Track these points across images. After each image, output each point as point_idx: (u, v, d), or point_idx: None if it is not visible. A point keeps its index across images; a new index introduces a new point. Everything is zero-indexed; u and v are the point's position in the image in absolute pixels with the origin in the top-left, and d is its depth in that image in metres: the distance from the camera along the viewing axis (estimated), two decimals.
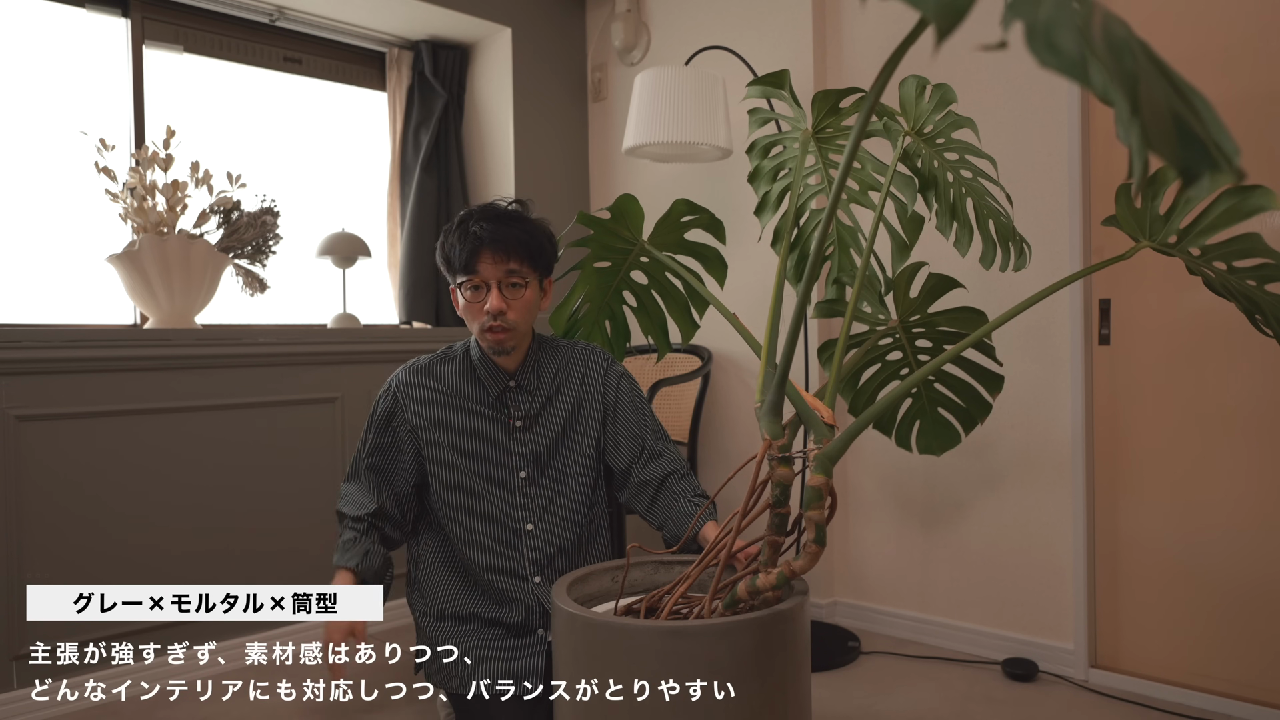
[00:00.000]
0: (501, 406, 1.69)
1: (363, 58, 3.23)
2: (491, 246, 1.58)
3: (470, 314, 1.63)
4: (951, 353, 1.31)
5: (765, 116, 1.83)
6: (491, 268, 1.59)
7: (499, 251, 1.58)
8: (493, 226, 1.58)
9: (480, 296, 1.60)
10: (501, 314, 1.59)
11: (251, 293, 2.69)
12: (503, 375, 1.69)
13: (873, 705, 2.17)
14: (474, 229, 1.58)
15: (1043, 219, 2.33)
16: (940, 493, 2.56)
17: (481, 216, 1.61)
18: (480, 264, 1.58)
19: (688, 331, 1.83)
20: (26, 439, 2.18)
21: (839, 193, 1.10)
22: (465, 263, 1.59)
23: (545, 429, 1.71)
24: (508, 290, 1.60)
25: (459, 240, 1.59)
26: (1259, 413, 2.04)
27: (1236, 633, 2.09)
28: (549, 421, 1.71)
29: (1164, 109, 0.47)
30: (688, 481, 1.70)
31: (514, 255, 1.59)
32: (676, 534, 1.64)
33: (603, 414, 1.75)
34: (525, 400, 1.70)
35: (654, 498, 1.70)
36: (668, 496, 1.68)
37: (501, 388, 1.69)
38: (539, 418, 1.70)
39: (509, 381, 1.70)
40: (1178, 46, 2.12)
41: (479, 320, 1.62)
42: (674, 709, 1.15)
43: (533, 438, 1.69)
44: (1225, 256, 1.25)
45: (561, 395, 1.73)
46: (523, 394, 1.70)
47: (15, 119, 2.51)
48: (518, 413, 1.69)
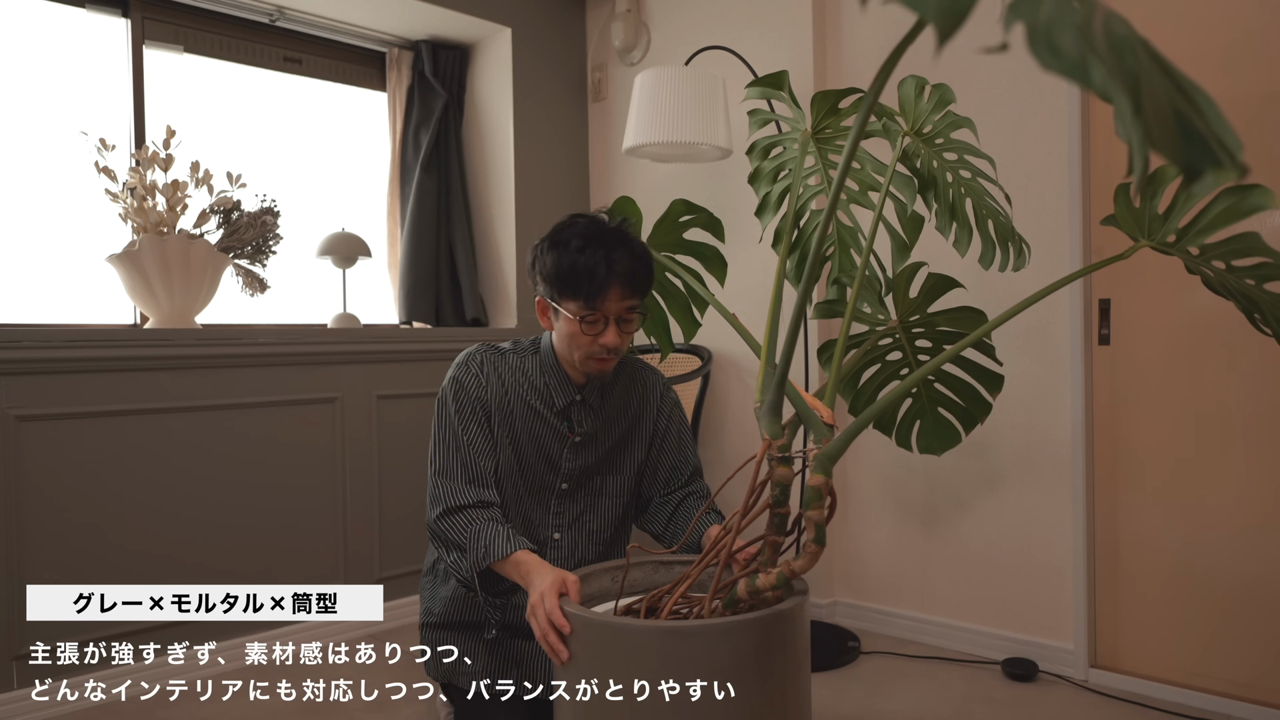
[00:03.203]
0: (564, 418, 1.65)
1: (363, 58, 3.23)
2: (623, 284, 1.48)
3: (577, 341, 1.53)
4: (951, 352, 1.31)
5: (765, 117, 1.83)
6: (617, 304, 1.49)
7: (627, 288, 1.49)
8: (628, 263, 1.48)
9: (596, 330, 1.51)
10: (616, 348, 1.53)
11: (251, 293, 2.69)
12: (571, 388, 1.64)
13: (873, 705, 2.17)
14: (605, 261, 1.46)
15: (1042, 219, 2.33)
16: (940, 493, 2.56)
17: (610, 246, 1.48)
18: (608, 301, 1.48)
19: (689, 330, 1.83)
20: (26, 439, 2.18)
21: (838, 193, 1.10)
22: (591, 296, 1.47)
23: (597, 447, 1.68)
24: (623, 325, 1.53)
25: (588, 271, 1.46)
26: (1258, 412, 2.04)
27: (1236, 633, 2.09)
28: (602, 440, 1.68)
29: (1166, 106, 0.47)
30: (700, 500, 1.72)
31: (638, 292, 1.51)
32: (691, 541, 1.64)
33: (649, 440, 1.74)
34: (588, 417, 1.66)
35: (671, 516, 1.72)
36: (684, 514, 1.70)
37: (568, 400, 1.64)
38: (595, 435, 1.67)
39: (576, 395, 1.64)
40: (1178, 46, 2.12)
41: (589, 350, 1.53)
42: (674, 709, 1.15)
43: (584, 453, 1.66)
44: (1224, 255, 1.25)
45: (621, 417, 1.70)
46: (587, 410, 1.66)
47: (15, 119, 2.51)
48: (580, 429, 1.65)
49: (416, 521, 2.92)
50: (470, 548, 1.46)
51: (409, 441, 2.91)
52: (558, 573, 1.35)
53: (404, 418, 2.90)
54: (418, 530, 2.92)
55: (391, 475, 2.87)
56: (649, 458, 1.74)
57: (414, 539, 2.91)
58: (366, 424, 2.81)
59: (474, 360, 1.62)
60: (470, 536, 1.47)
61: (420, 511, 2.92)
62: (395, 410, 2.88)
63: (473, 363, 1.61)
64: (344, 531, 2.75)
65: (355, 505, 2.78)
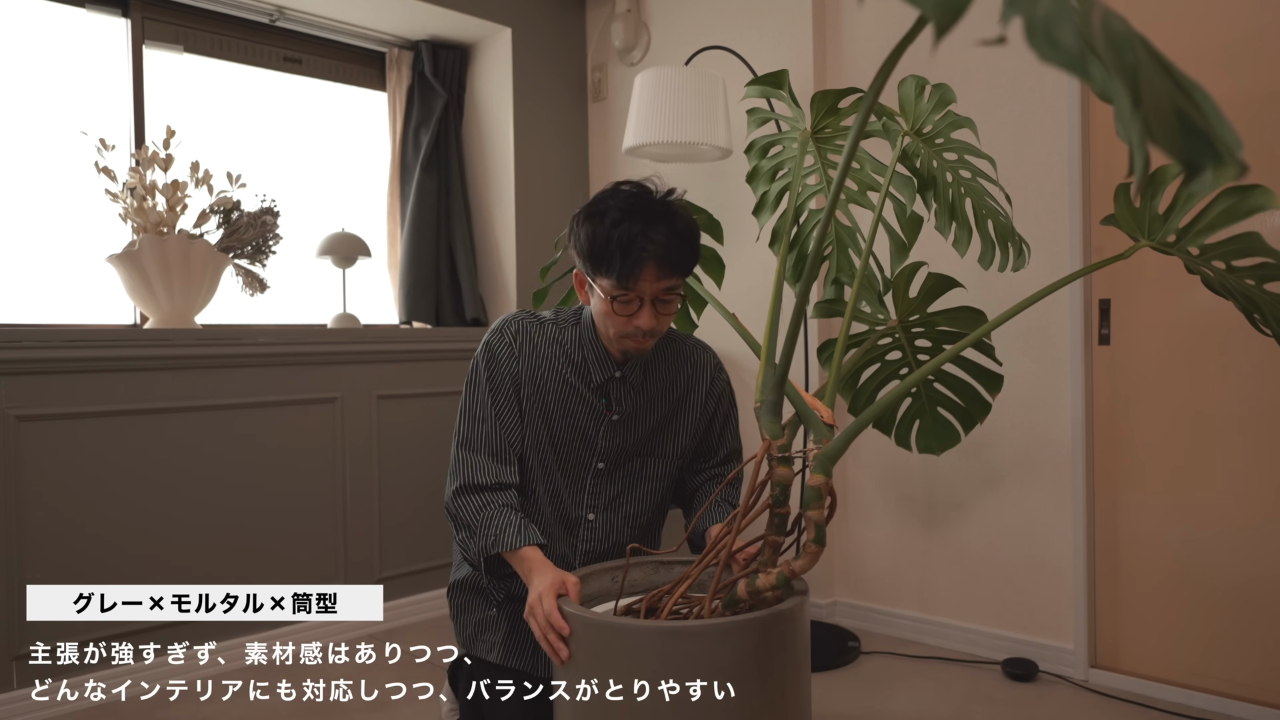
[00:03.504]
0: (602, 395, 1.56)
1: (363, 58, 3.23)
2: (659, 264, 1.39)
3: (611, 320, 1.45)
4: (951, 352, 1.31)
5: (764, 116, 1.83)
6: (652, 284, 1.40)
7: (665, 268, 1.40)
8: (666, 241, 1.38)
9: (630, 310, 1.43)
10: (653, 330, 1.44)
11: (251, 293, 2.69)
12: (610, 363, 1.54)
13: (873, 705, 2.17)
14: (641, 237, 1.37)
15: (1042, 219, 2.33)
16: (940, 493, 2.56)
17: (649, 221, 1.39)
18: (642, 281, 1.39)
19: (686, 331, 1.83)
20: (26, 439, 2.18)
21: (838, 193, 1.10)
22: (624, 275, 1.38)
23: (638, 427, 1.59)
24: (661, 305, 1.44)
25: (621, 247, 1.37)
26: (1258, 412, 2.04)
27: (1236, 633, 2.09)
28: (643, 420, 1.59)
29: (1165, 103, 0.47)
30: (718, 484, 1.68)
31: (678, 272, 1.42)
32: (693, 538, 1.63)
33: (697, 425, 1.65)
34: (628, 395, 1.56)
35: (694, 495, 1.69)
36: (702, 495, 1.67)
37: (606, 376, 1.54)
38: (635, 415, 1.58)
39: (615, 372, 1.54)
40: (1178, 46, 2.12)
41: (623, 329, 1.45)
42: (674, 709, 1.15)
43: (622, 433, 1.58)
44: (1224, 255, 1.25)
45: (665, 397, 1.61)
46: (626, 388, 1.56)
47: (15, 119, 2.51)
48: (618, 406, 1.56)
49: (416, 521, 2.92)
50: (480, 532, 1.43)
51: (409, 442, 2.91)
52: (557, 573, 1.34)
53: (404, 418, 2.90)
54: (418, 530, 2.92)
55: (391, 475, 2.87)
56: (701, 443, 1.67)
57: (414, 539, 2.91)
58: (366, 424, 2.81)
59: (509, 328, 1.54)
60: (482, 521, 1.43)
61: (420, 512, 2.92)
62: (395, 410, 2.88)
63: (508, 330, 1.53)
64: (344, 531, 2.75)
65: (355, 505, 2.78)
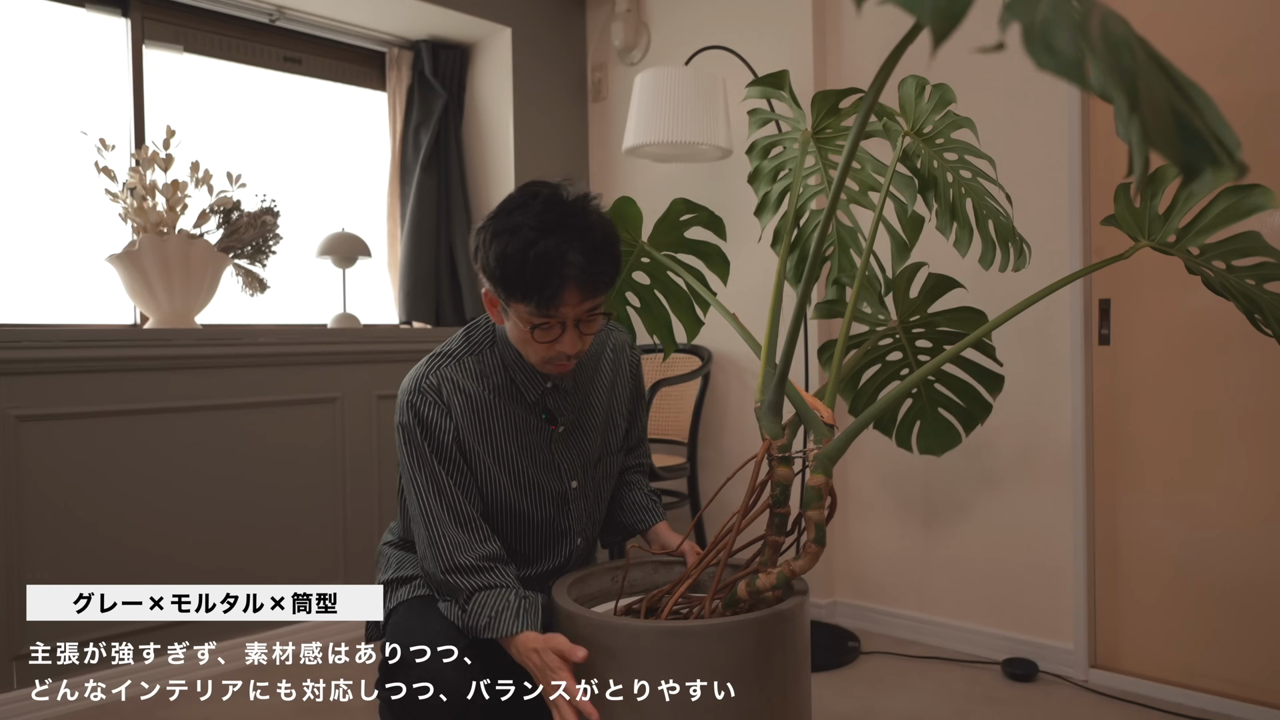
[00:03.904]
0: (541, 410, 1.43)
1: (363, 58, 3.23)
2: (580, 286, 1.23)
3: (530, 347, 1.32)
4: (951, 352, 1.31)
5: (765, 117, 1.83)
6: (575, 308, 1.26)
7: (587, 289, 1.25)
8: (586, 260, 1.22)
9: (552, 335, 1.28)
10: (577, 354, 1.32)
11: (251, 293, 2.69)
12: (540, 376, 1.41)
13: (873, 705, 2.17)
14: (559, 260, 1.21)
15: (1043, 219, 2.33)
16: (940, 493, 2.56)
17: (565, 237, 1.22)
18: (563, 306, 1.24)
19: (692, 329, 1.82)
20: (26, 439, 2.18)
21: (838, 193, 1.10)
22: (544, 302, 1.23)
23: (588, 431, 1.48)
24: (584, 325, 1.30)
25: (537, 271, 1.21)
26: (1259, 412, 2.04)
27: (1236, 633, 2.09)
28: (590, 422, 1.48)
29: (1164, 105, 0.47)
30: (643, 476, 1.66)
31: (600, 290, 1.27)
32: (619, 520, 1.60)
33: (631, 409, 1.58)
34: (565, 403, 1.45)
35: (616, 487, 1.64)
36: (621, 484, 1.63)
37: (540, 391, 1.41)
38: (580, 421, 1.47)
39: (546, 383, 1.42)
40: (1178, 46, 2.12)
41: (544, 355, 1.31)
42: (674, 709, 1.15)
43: (577, 442, 1.47)
44: (1224, 255, 1.24)
45: (595, 390, 1.51)
46: (562, 396, 1.44)
47: (15, 119, 2.51)
48: (562, 418, 1.44)
49: None
50: (473, 612, 1.31)
51: None
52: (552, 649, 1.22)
53: None
54: None
55: (391, 475, 2.87)
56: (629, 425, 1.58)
57: None
58: (366, 424, 2.81)
59: (427, 383, 1.37)
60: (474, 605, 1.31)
61: None
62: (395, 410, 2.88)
63: (427, 388, 1.37)
64: (344, 531, 2.75)
65: (355, 505, 2.78)
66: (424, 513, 1.36)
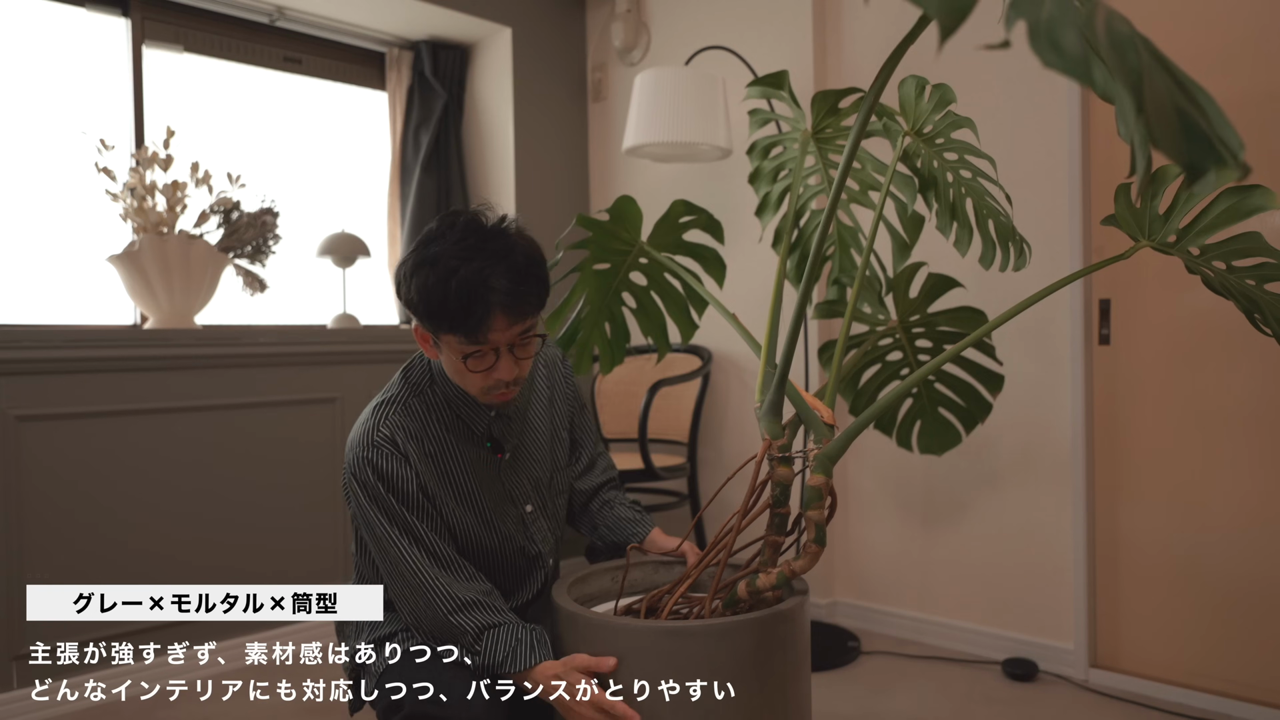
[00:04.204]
0: (487, 440, 1.41)
1: (363, 58, 3.23)
2: (507, 311, 1.21)
3: (466, 379, 1.29)
4: (951, 352, 1.31)
5: (765, 117, 1.83)
6: (505, 334, 1.23)
7: (515, 313, 1.22)
8: (510, 285, 1.20)
9: (485, 364, 1.26)
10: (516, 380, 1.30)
11: (251, 293, 2.69)
12: (483, 408, 1.38)
13: (873, 705, 2.17)
14: (481, 287, 1.19)
15: (1043, 219, 2.33)
16: (940, 493, 2.56)
17: (487, 262, 1.20)
18: (493, 333, 1.21)
19: (687, 332, 1.83)
20: (26, 439, 2.18)
21: (839, 193, 1.10)
22: (470, 331, 1.21)
23: (533, 452, 1.46)
24: (520, 350, 1.28)
25: (461, 301, 1.19)
26: (1259, 412, 2.04)
27: (1236, 633, 2.09)
28: (535, 442, 1.47)
29: (1168, 105, 0.47)
30: (618, 491, 1.63)
31: (530, 311, 1.25)
32: (611, 539, 1.56)
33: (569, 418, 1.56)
34: (509, 429, 1.43)
35: (585, 506, 1.61)
36: (600, 504, 1.59)
37: (486, 422, 1.39)
38: (524, 444, 1.45)
39: (490, 412, 1.39)
40: (1178, 46, 2.12)
41: (482, 385, 1.29)
42: (674, 709, 1.15)
43: (525, 467, 1.45)
44: (1225, 256, 1.24)
45: (534, 409, 1.49)
46: (505, 423, 1.42)
47: (15, 119, 2.51)
48: (507, 444, 1.42)
49: None
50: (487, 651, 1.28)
51: None
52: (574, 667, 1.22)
53: None
54: None
55: None
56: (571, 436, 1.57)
57: None
58: None
59: (381, 439, 1.32)
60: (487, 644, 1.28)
61: None
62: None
63: (380, 440, 1.31)
64: (344, 531, 2.75)
65: None
66: (406, 564, 1.31)
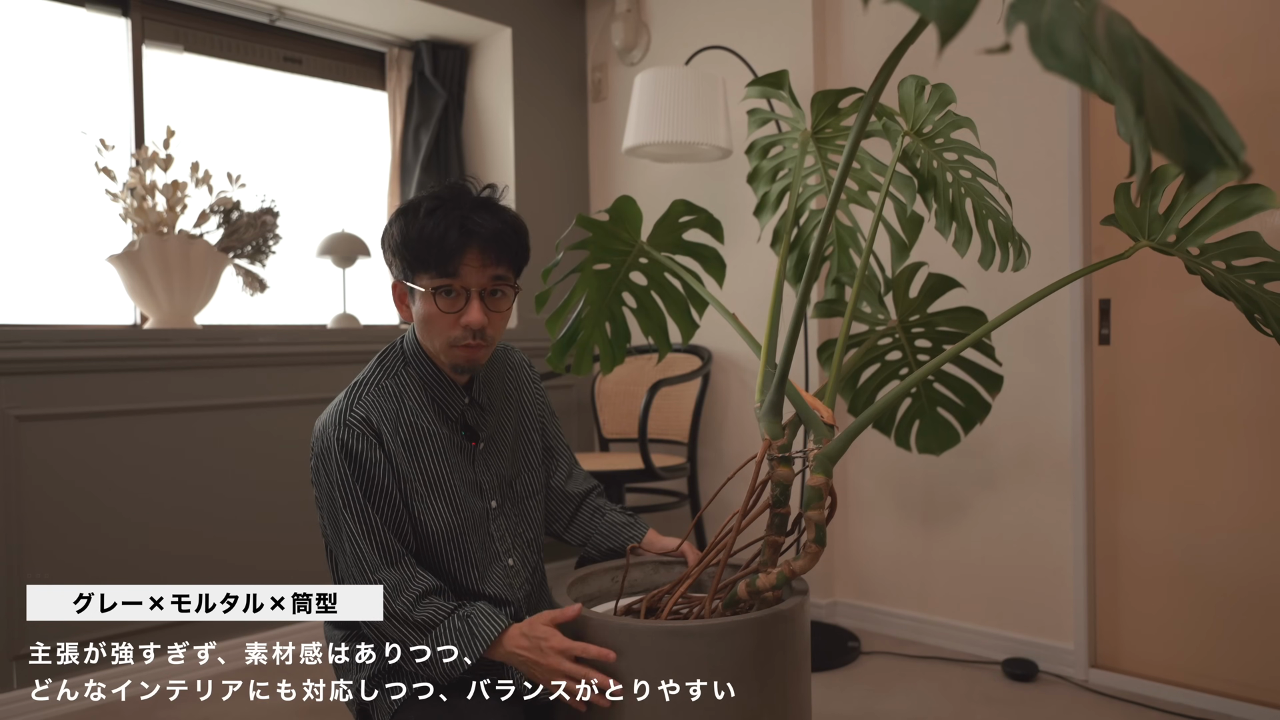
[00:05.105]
0: (462, 426, 1.41)
1: (363, 58, 3.23)
2: (483, 246, 1.26)
3: (436, 325, 1.30)
4: (951, 352, 1.31)
5: (765, 117, 1.83)
6: (477, 272, 1.27)
7: (490, 253, 1.27)
8: (491, 225, 1.26)
9: (456, 305, 1.28)
10: (483, 330, 1.30)
11: (251, 293, 2.69)
12: (459, 392, 1.39)
13: (873, 705, 2.17)
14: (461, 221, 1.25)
15: (1042, 219, 2.33)
16: (940, 493, 2.56)
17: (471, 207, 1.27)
18: (464, 266, 1.26)
19: (687, 331, 1.83)
20: (26, 439, 2.17)
21: (838, 193, 1.10)
22: (443, 260, 1.25)
23: (501, 447, 1.46)
24: (490, 301, 1.30)
25: (439, 233, 1.24)
26: (1259, 412, 2.04)
27: (1237, 633, 2.09)
28: (502, 438, 1.47)
29: (1168, 106, 0.47)
30: (603, 498, 1.62)
31: (504, 259, 1.30)
32: (607, 546, 1.55)
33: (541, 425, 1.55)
34: (483, 419, 1.43)
35: (574, 514, 1.59)
36: (590, 512, 1.58)
37: (460, 407, 1.39)
38: (495, 438, 1.45)
39: (465, 399, 1.40)
40: (1178, 46, 2.12)
41: (450, 334, 1.30)
42: (674, 709, 1.15)
43: (494, 459, 1.44)
44: (1224, 255, 1.25)
45: (504, 405, 1.49)
46: (479, 411, 1.43)
47: (15, 119, 2.51)
48: (482, 433, 1.42)
49: None
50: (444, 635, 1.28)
51: None
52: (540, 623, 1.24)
53: None
54: None
55: None
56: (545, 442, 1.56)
57: None
58: None
59: (355, 419, 1.32)
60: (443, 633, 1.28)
61: None
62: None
63: (353, 421, 1.32)
64: None
65: None
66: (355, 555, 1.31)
